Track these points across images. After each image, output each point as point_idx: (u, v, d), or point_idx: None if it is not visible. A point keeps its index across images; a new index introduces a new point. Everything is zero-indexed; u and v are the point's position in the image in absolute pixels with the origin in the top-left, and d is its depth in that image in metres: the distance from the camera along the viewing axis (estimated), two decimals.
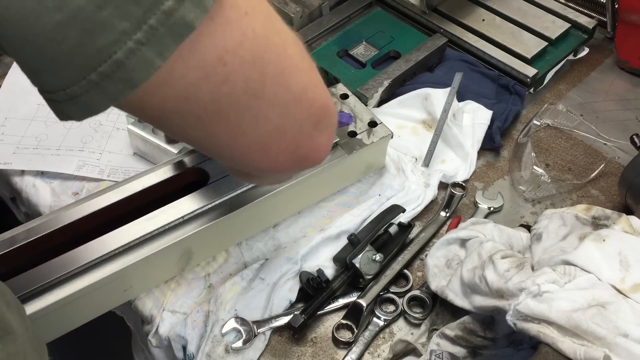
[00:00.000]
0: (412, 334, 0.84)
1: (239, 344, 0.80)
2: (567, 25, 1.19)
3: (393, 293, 0.87)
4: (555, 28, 1.19)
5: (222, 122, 0.45)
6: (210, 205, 0.83)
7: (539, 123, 1.08)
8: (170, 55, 0.38)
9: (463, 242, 0.86)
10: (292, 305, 0.85)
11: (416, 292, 0.86)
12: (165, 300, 0.86)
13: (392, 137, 0.96)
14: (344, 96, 0.98)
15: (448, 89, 1.06)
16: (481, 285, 0.73)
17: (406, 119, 1.08)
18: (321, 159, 0.55)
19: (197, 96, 0.42)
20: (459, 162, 1.02)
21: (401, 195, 0.96)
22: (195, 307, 0.85)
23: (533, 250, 0.80)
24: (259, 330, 0.82)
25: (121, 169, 1.00)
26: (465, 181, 1.00)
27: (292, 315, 0.82)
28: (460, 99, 1.08)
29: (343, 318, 0.84)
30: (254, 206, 0.85)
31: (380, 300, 0.86)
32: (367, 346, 0.83)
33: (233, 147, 0.49)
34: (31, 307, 0.74)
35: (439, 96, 1.06)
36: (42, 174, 1.00)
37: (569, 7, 1.24)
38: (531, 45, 1.16)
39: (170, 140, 0.91)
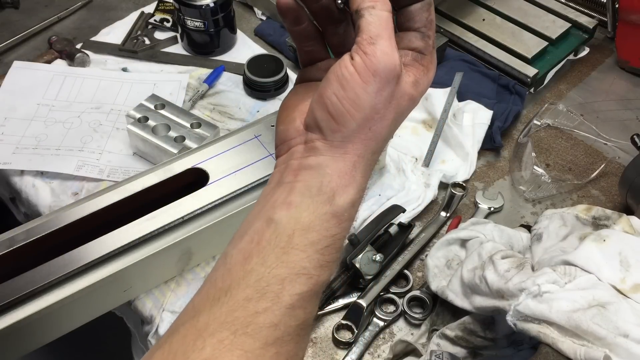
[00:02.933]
0: (412, 334, 0.84)
1: None
2: (568, 25, 1.19)
3: (393, 293, 0.87)
4: (555, 28, 1.19)
5: None
6: (210, 205, 0.83)
7: (539, 123, 1.08)
8: None
9: (463, 243, 0.86)
10: None
11: (416, 293, 0.86)
12: (165, 301, 0.86)
13: (392, 137, 0.96)
14: None
15: (448, 89, 1.06)
16: (481, 286, 0.73)
17: (406, 119, 1.08)
18: None
19: None
20: (459, 162, 1.02)
21: (401, 195, 0.96)
22: None
23: (533, 250, 0.80)
24: None
25: (121, 169, 1.00)
26: (466, 181, 1.00)
27: None
28: (461, 98, 1.08)
29: (343, 318, 0.84)
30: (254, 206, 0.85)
31: (380, 301, 0.86)
32: (367, 346, 0.82)
33: None
34: (31, 308, 0.74)
35: (439, 96, 1.06)
36: (41, 174, 1.00)
37: (570, 6, 1.24)
38: (531, 45, 1.16)
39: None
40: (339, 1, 0.50)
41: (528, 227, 0.88)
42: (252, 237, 0.48)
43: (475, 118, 1.05)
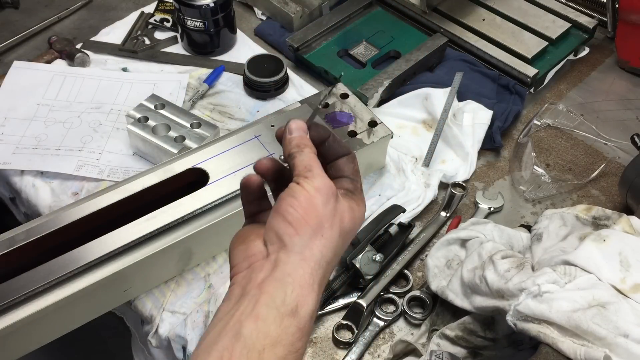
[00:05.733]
0: (412, 334, 0.84)
1: None
2: (568, 25, 1.19)
3: (393, 293, 0.87)
4: (555, 28, 1.19)
5: None
6: (210, 205, 0.83)
7: (539, 123, 1.08)
8: None
9: (463, 243, 0.86)
10: None
11: (416, 293, 0.86)
12: (165, 301, 0.86)
13: (392, 137, 0.96)
14: (344, 96, 0.98)
15: (448, 89, 1.06)
16: (481, 286, 0.73)
17: (406, 119, 1.08)
18: None
19: None
20: (459, 162, 1.02)
21: (401, 195, 0.96)
22: (195, 307, 0.85)
23: (533, 250, 0.80)
24: None
25: (121, 169, 1.00)
26: (466, 181, 1.00)
27: None
28: (461, 98, 1.08)
29: (343, 318, 0.84)
30: None
31: (380, 301, 0.86)
32: (367, 346, 0.82)
33: None
34: (31, 308, 0.74)
35: (439, 96, 1.06)
36: (41, 174, 1.00)
37: (570, 6, 1.24)
38: (531, 45, 1.16)
39: None
40: (281, 156, 0.60)
41: (528, 227, 0.88)
42: (222, 354, 0.48)
43: (475, 118, 1.05)
